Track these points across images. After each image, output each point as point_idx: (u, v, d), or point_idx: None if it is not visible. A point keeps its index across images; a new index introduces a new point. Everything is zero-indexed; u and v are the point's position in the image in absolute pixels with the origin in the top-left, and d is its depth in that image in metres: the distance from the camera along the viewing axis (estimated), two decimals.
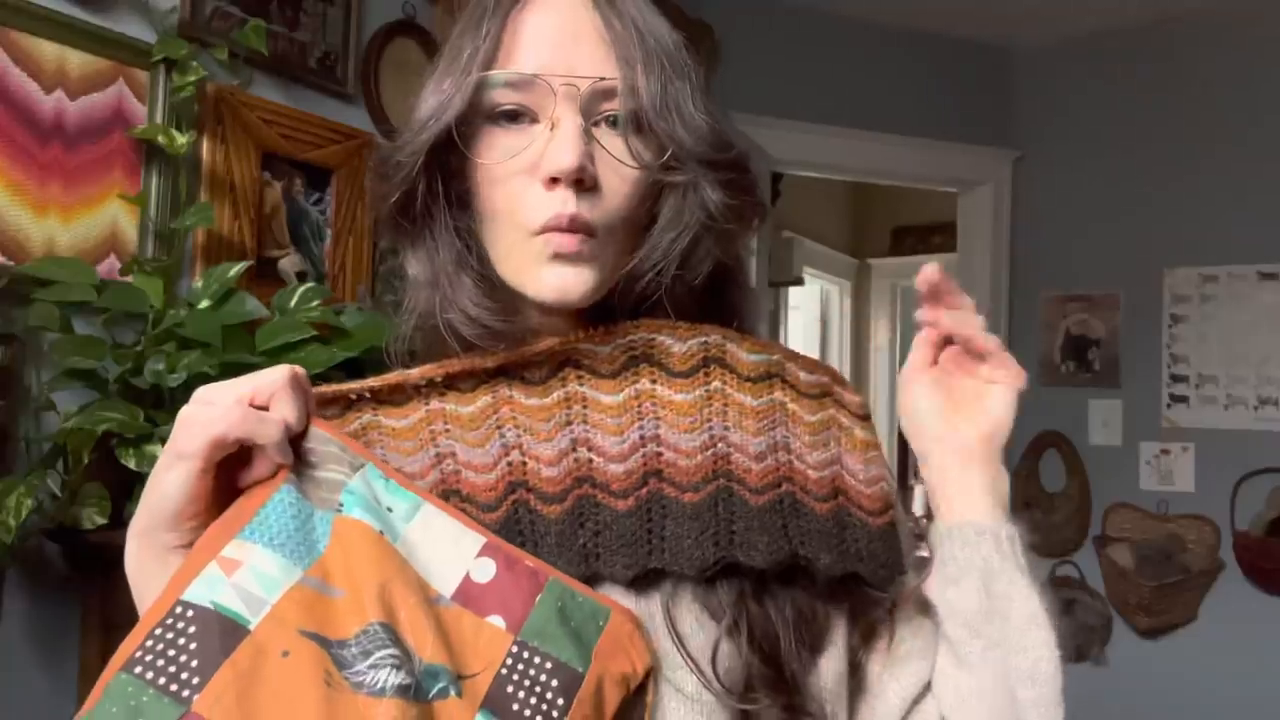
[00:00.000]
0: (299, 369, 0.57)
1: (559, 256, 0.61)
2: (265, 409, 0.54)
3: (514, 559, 0.56)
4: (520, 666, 0.53)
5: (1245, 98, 2.87)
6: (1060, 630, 0.65)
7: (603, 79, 0.61)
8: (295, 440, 0.56)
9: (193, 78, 1.55)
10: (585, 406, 0.64)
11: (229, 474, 0.55)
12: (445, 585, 0.55)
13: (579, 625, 0.56)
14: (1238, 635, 2.82)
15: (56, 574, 1.43)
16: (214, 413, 0.53)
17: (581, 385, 0.64)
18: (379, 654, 0.48)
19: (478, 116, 0.63)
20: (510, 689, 0.52)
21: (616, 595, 0.61)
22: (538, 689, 0.53)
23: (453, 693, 0.50)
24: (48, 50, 1.43)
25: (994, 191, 3.27)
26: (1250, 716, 2.78)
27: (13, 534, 1.22)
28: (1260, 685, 2.77)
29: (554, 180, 0.60)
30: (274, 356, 1.46)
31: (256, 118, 1.72)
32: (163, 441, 1.31)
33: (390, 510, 0.56)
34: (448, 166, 0.64)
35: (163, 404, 1.42)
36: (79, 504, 1.32)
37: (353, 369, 1.45)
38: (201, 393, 0.55)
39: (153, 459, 1.32)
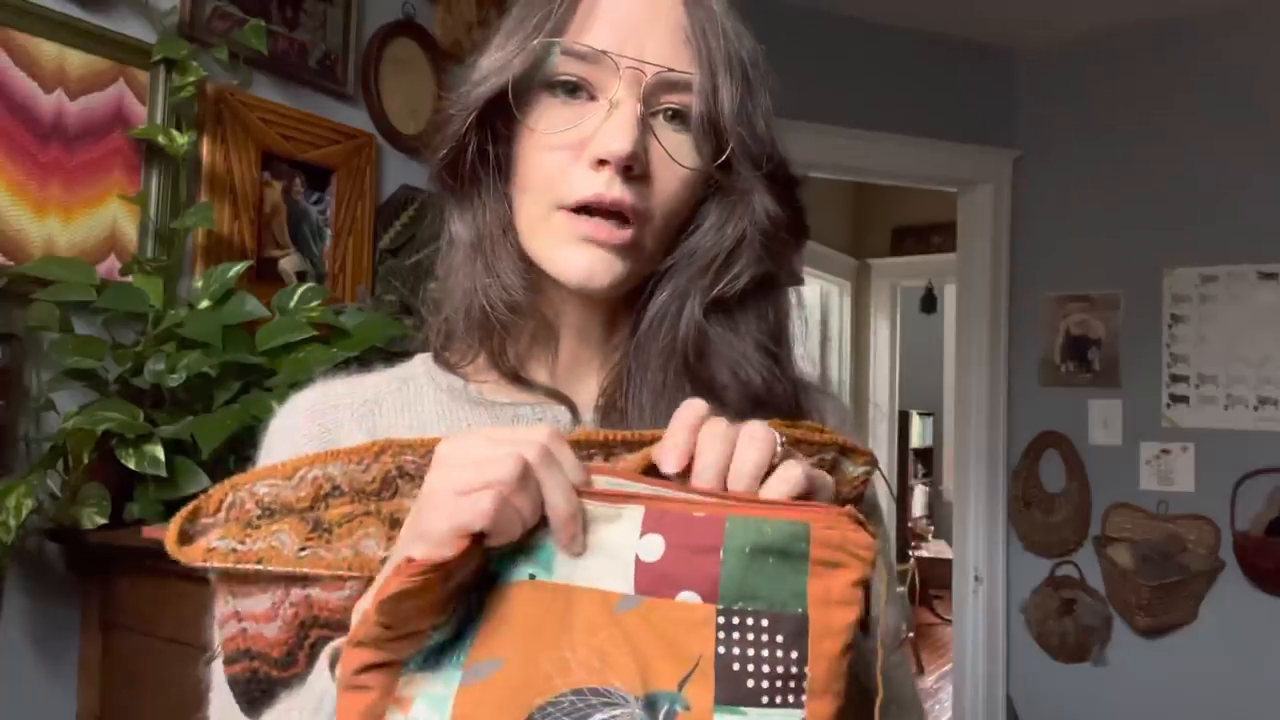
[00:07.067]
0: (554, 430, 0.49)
1: (591, 240, 0.59)
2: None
3: (682, 519, 0.47)
4: (736, 636, 0.46)
5: (1245, 97, 2.87)
6: None
7: (671, 70, 0.59)
8: None
9: (193, 78, 1.55)
10: None
11: None
12: (624, 582, 0.47)
13: (780, 558, 0.47)
14: (1238, 635, 2.82)
15: (56, 574, 1.43)
16: (463, 498, 0.45)
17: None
18: None
19: (537, 83, 0.61)
20: (736, 667, 0.46)
21: None
22: (765, 652, 0.46)
23: (679, 709, 0.45)
24: (48, 50, 1.43)
25: (994, 191, 3.27)
26: (1250, 716, 2.78)
27: (13, 534, 1.22)
28: (1260, 685, 2.77)
29: (602, 162, 0.58)
30: (274, 356, 1.46)
31: (256, 118, 1.71)
32: (163, 442, 1.33)
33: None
34: (499, 130, 0.63)
35: (163, 404, 1.42)
36: (79, 504, 1.32)
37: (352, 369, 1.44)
38: (454, 456, 0.47)
39: (153, 459, 1.32)
